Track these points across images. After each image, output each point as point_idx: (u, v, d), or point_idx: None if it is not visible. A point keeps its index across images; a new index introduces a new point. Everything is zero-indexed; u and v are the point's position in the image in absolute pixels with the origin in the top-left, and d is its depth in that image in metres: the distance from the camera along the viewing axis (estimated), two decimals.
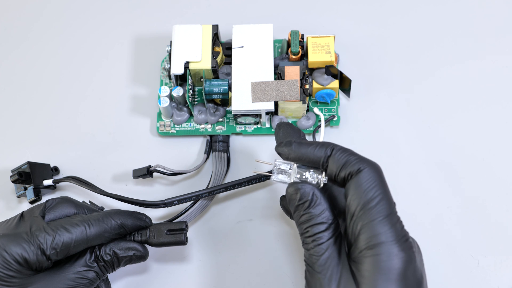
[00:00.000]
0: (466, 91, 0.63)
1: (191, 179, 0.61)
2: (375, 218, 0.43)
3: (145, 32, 0.67)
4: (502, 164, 0.60)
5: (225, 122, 0.61)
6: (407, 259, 0.42)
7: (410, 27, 0.66)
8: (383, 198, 0.43)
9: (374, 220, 0.43)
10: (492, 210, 0.58)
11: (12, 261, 0.47)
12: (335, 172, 0.45)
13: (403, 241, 0.43)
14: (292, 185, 0.46)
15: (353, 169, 0.44)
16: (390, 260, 0.42)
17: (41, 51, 0.67)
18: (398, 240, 0.42)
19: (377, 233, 0.42)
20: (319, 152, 0.46)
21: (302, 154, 0.46)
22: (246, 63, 0.60)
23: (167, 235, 0.52)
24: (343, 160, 0.45)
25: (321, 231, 0.44)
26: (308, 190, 0.45)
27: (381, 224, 0.43)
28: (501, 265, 0.56)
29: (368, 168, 0.44)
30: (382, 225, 0.43)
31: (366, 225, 0.43)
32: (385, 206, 0.43)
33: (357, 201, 0.43)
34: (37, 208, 0.51)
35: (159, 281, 0.57)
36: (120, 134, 0.63)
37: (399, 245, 0.42)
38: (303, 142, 0.47)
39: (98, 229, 0.50)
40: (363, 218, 0.43)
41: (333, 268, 0.43)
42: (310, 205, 0.45)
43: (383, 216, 0.43)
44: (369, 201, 0.43)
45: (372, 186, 0.44)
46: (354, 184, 0.44)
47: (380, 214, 0.43)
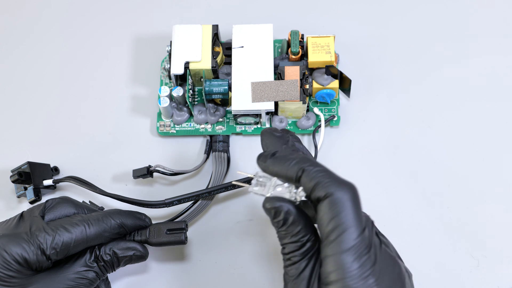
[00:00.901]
0: (467, 91, 0.63)
1: (191, 179, 0.61)
2: (331, 254, 0.40)
3: (145, 32, 0.67)
4: (503, 164, 0.60)
5: (225, 122, 0.61)
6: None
7: (410, 27, 0.66)
8: (344, 229, 0.40)
9: (330, 256, 0.40)
10: (493, 210, 0.58)
11: (12, 261, 0.47)
12: (307, 193, 0.42)
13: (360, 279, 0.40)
14: (268, 200, 0.43)
15: (320, 195, 0.41)
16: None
17: (41, 51, 0.67)
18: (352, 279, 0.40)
19: (328, 271, 0.40)
20: (291, 171, 0.43)
21: (276, 171, 0.44)
22: (246, 63, 0.60)
23: (167, 234, 0.52)
24: (311, 184, 0.41)
25: (293, 250, 0.43)
26: (282, 208, 0.43)
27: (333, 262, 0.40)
28: (501, 265, 0.56)
29: (334, 194, 0.40)
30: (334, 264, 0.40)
31: (326, 258, 0.41)
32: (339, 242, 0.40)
33: (320, 230, 0.41)
34: (36, 208, 0.51)
35: (159, 281, 0.57)
36: (120, 134, 0.63)
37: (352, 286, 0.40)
38: (279, 157, 0.44)
39: (98, 228, 0.50)
40: (324, 250, 0.41)
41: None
42: (285, 224, 0.43)
43: (338, 253, 0.40)
44: (327, 235, 0.40)
45: (332, 217, 0.40)
46: (319, 212, 0.41)
47: (334, 251, 0.40)
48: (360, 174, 0.60)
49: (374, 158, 0.60)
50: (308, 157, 0.44)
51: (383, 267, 0.41)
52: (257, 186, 0.46)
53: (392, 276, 0.42)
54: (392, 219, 0.58)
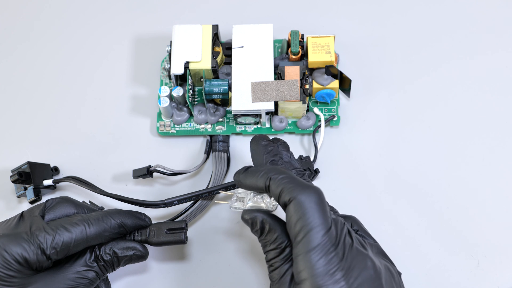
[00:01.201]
0: (467, 91, 0.63)
1: (191, 179, 0.61)
2: (298, 254, 0.42)
3: (145, 32, 0.67)
4: (503, 164, 0.60)
5: (225, 122, 0.61)
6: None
7: (410, 27, 0.66)
8: (310, 229, 0.42)
9: (298, 255, 0.42)
10: (493, 210, 0.58)
11: (12, 261, 0.47)
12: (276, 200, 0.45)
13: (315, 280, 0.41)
14: (245, 213, 0.46)
15: (286, 199, 0.43)
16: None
17: (41, 51, 0.67)
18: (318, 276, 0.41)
19: (300, 270, 0.42)
20: (260, 182, 0.45)
21: (248, 184, 0.47)
22: (246, 63, 0.60)
23: (167, 234, 0.52)
24: (278, 190, 0.44)
25: (274, 257, 0.45)
26: (258, 219, 0.45)
27: (302, 261, 0.42)
28: (501, 265, 0.56)
29: (298, 197, 0.43)
30: (303, 262, 0.42)
31: (296, 258, 0.42)
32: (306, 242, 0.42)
33: (290, 232, 0.43)
34: (37, 208, 0.51)
35: (159, 281, 0.57)
36: (120, 134, 0.63)
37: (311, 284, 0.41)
38: (249, 171, 0.47)
39: (98, 228, 0.50)
40: (294, 250, 0.43)
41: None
42: (263, 232, 0.46)
43: (305, 252, 0.42)
44: (294, 236, 0.43)
45: (298, 221, 0.42)
46: (287, 215, 0.43)
47: (302, 250, 0.42)
48: (360, 174, 0.60)
49: (374, 158, 0.60)
50: (275, 167, 0.46)
51: (354, 263, 0.43)
52: (236, 202, 0.49)
53: (365, 272, 0.43)
54: (391, 219, 0.58)
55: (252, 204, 0.48)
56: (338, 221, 0.44)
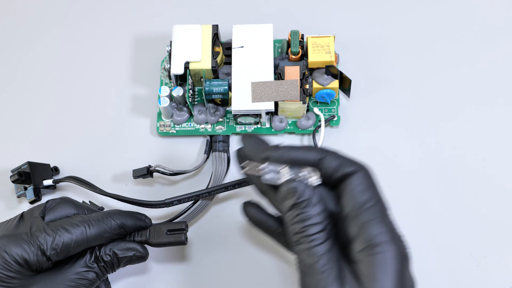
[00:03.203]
0: (467, 91, 0.63)
1: (191, 179, 0.61)
2: (371, 219, 0.42)
3: (145, 32, 0.67)
4: (503, 164, 0.60)
5: (225, 122, 0.61)
6: (404, 259, 0.42)
7: (410, 27, 0.66)
8: (378, 200, 0.43)
9: (370, 221, 0.42)
10: (492, 210, 0.58)
11: (12, 262, 0.47)
12: (329, 173, 0.44)
13: (399, 241, 0.43)
14: (288, 182, 0.44)
15: (347, 171, 0.44)
16: (388, 259, 0.41)
17: (41, 51, 0.67)
18: (395, 241, 0.42)
19: (375, 233, 0.42)
20: (311, 154, 0.45)
21: (293, 157, 0.45)
22: (246, 63, 0.60)
23: (167, 235, 0.52)
24: (336, 162, 0.44)
25: (319, 231, 0.43)
26: (305, 190, 0.43)
27: (378, 225, 0.42)
28: (501, 265, 0.56)
29: (361, 170, 0.44)
30: (379, 226, 0.42)
31: (363, 225, 0.42)
32: (380, 207, 0.43)
33: (352, 202, 0.43)
34: (37, 209, 0.51)
35: (159, 281, 0.57)
36: (120, 134, 0.63)
37: (395, 245, 0.42)
38: (291, 146, 0.46)
39: (98, 229, 0.50)
40: (359, 219, 0.42)
41: (335, 265, 0.42)
42: (308, 205, 0.43)
43: (379, 217, 0.42)
44: (364, 202, 0.43)
45: (366, 188, 0.43)
46: (349, 186, 0.43)
47: (376, 215, 0.42)
48: None
49: (374, 158, 0.60)
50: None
51: None
52: (269, 174, 0.45)
53: None
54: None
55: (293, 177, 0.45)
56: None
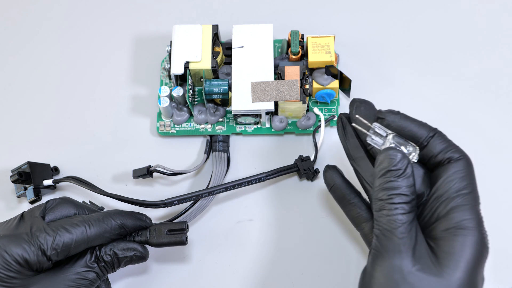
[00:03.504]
0: (467, 91, 0.63)
1: (191, 179, 0.61)
2: (463, 205, 0.44)
3: (145, 32, 0.67)
4: (502, 164, 0.60)
5: (225, 122, 0.61)
6: (484, 249, 0.44)
7: (410, 27, 0.66)
8: (473, 189, 0.45)
9: (462, 206, 0.44)
10: (493, 210, 0.58)
11: (12, 262, 0.47)
12: (434, 153, 0.47)
13: (484, 232, 0.44)
14: (390, 149, 0.46)
15: (454, 156, 0.46)
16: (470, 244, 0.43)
17: (41, 52, 0.67)
18: (480, 230, 0.44)
19: (464, 218, 0.44)
20: (422, 130, 0.47)
21: (405, 126, 0.47)
22: (246, 63, 0.60)
23: (168, 235, 0.52)
24: (445, 144, 0.47)
25: (406, 202, 0.45)
26: (404, 160, 0.45)
27: (469, 211, 0.44)
28: (501, 265, 0.56)
29: (465, 158, 0.46)
30: (469, 213, 0.44)
31: (454, 208, 0.44)
32: (474, 197, 0.45)
33: (449, 185, 0.45)
34: (37, 209, 0.51)
35: (159, 281, 0.57)
36: (120, 134, 0.63)
37: (480, 234, 0.44)
38: (406, 115, 0.48)
39: (99, 229, 0.50)
40: (452, 202, 0.45)
41: (413, 236, 0.44)
42: (403, 174, 0.45)
43: (471, 205, 0.44)
44: (461, 188, 0.45)
45: (466, 176, 0.45)
46: (450, 170, 0.46)
47: (469, 203, 0.44)
48: None
49: None
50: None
51: None
52: (375, 136, 0.48)
53: None
54: None
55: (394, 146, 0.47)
56: None
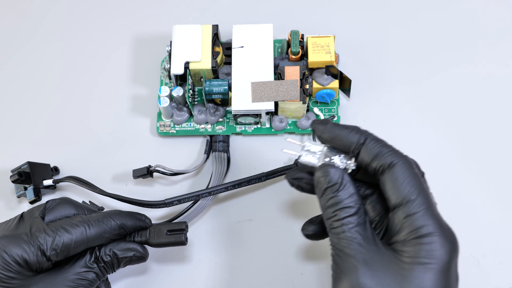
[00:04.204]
0: (466, 91, 0.63)
1: (191, 179, 0.61)
2: (417, 211, 0.42)
3: (145, 32, 0.67)
4: (503, 164, 0.60)
5: (225, 122, 0.61)
6: (451, 250, 0.42)
7: (410, 27, 0.66)
8: (420, 191, 0.43)
9: (416, 213, 0.42)
10: (493, 210, 0.58)
11: (12, 262, 0.47)
12: (366, 161, 0.45)
13: (448, 232, 0.43)
14: (322, 167, 0.45)
15: (386, 162, 0.44)
16: (435, 250, 0.42)
17: (41, 52, 0.67)
18: (443, 232, 0.42)
19: (422, 225, 0.42)
20: (353, 137, 0.45)
21: (336, 135, 0.46)
22: (246, 63, 0.60)
23: (167, 235, 0.52)
24: (375, 151, 0.45)
25: (351, 214, 0.44)
26: (337, 173, 0.44)
27: (423, 217, 0.42)
28: (501, 265, 0.56)
29: (401, 161, 0.44)
30: (425, 218, 0.42)
31: (408, 218, 0.42)
32: (424, 199, 0.43)
33: (396, 194, 0.43)
34: (37, 209, 0.51)
35: (159, 281, 0.57)
36: (120, 134, 0.63)
37: (444, 237, 0.42)
38: (338, 124, 0.47)
39: (98, 229, 0.50)
40: (405, 210, 0.43)
41: (367, 251, 0.43)
42: (339, 189, 0.44)
43: (424, 209, 0.43)
44: (409, 193, 0.43)
45: (407, 181, 0.43)
46: (390, 177, 0.44)
47: (421, 207, 0.43)
48: None
49: None
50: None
51: None
52: (307, 155, 0.47)
53: None
54: None
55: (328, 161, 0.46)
56: None
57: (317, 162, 0.47)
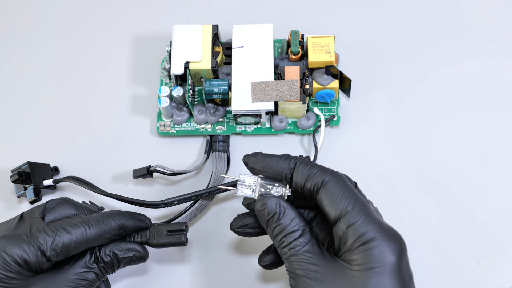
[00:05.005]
0: (466, 91, 0.63)
1: (191, 179, 0.61)
2: (356, 220, 0.44)
3: (145, 32, 0.67)
4: (503, 164, 0.60)
5: (225, 122, 0.61)
6: (399, 250, 0.43)
7: (410, 27, 0.66)
8: (356, 201, 0.45)
9: (356, 221, 0.44)
10: (493, 210, 0.58)
11: (12, 263, 0.47)
12: (300, 184, 0.47)
13: (392, 234, 0.44)
14: (259, 201, 0.47)
15: (318, 181, 0.46)
16: (382, 253, 0.43)
17: (41, 52, 0.67)
18: (385, 234, 0.43)
19: (363, 232, 0.43)
20: (283, 164, 0.47)
21: (267, 164, 0.48)
22: (246, 63, 0.60)
23: (167, 236, 0.52)
24: (306, 173, 0.46)
25: (297, 237, 0.45)
26: (274, 203, 0.46)
27: (364, 223, 0.44)
28: (501, 265, 0.56)
29: (332, 177, 0.46)
30: (366, 224, 0.44)
31: (351, 227, 0.44)
32: (361, 207, 0.45)
33: (334, 208, 0.45)
34: (37, 209, 0.51)
35: (159, 281, 0.57)
36: (120, 134, 0.63)
37: (387, 238, 0.43)
38: (269, 154, 0.48)
39: (98, 230, 0.50)
40: (345, 221, 0.44)
41: (318, 268, 0.44)
42: (280, 217, 0.46)
43: (363, 216, 0.44)
44: (345, 207, 0.44)
45: (341, 194, 0.45)
46: (325, 194, 0.45)
47: (360, 216, 0.44)
48: (360, 174, 0.60)
49: (374, 158, 0.60)
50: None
51: None
52: (244, 189, 0.49)
53: None
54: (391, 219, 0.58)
55: (263, 191, 0.48)
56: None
57: (253, 193, 0.49)
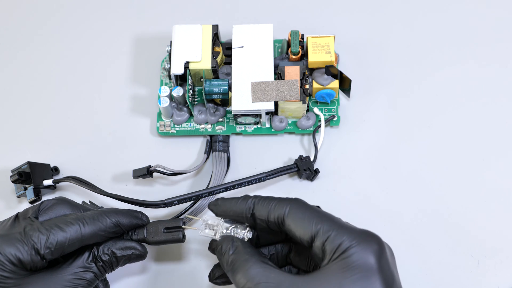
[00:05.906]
0: (466, 91, 0.63)
1: (191, 179, 0.61)
2: (329, 234, 0.44)
3: (145, 32, 0.67)
4: (503, 164, 0.60)
5: (225, 122, 0.61)
6: (378, 250, 0.44)
7: (410, 28, 0.66)
8: (323, 218, 0.45)
9: (329, 236, 0.44)
10: (493, 210, 0.58)
11: (6, 262, 0.47)
12: (265, 219, 0.47)
13: (367, 236, 0.44)
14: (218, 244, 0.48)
15: (280, 212, 0.46)
16: (361, 258, 0.43)
17: (42, 52, 0.67)
18: (361, 239, 0.44)
19: (339, 243, 0.44)
20: (241, 205, 0.48)
21: (227, 208, 0.49)
22: (246, 63, 0.60)
23: (165, 233, 0.52)
24: (266, 208, 0.47)
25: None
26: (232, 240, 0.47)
27: (338, 235, 0.44)
28: (501, 265, 0.56)
29: (292, 205, 0.47)
30: (339, 236, 0.44)
31: (326, 242, 0.44)
32: (330, 222, 0.45)
33: (304, 232, 0.45)
34: (31, 209, 0.51)
35: (158, 281, 0.57)
36: (120, 134, 0.63)
37: (364, 243, 0.44)
38: (228, 198, 0.50)
39: (93, 227, 0.50)
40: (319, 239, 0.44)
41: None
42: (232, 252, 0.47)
43: (335, 229, 0.44)
44: (314, 227, 0.45)
45: (307, 216, 0.46)
46: (291, 222, 0.46)
47: (331, 230, 0.44)
48: (360, 174, 0.60)
49: (374, 158, 0.60)
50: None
51: None
52: (206, 229, 0.51)
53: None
54: (392, 219, 0.58)
55: (225, 233, 0.49)
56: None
57: (215, 235, 0.50)
